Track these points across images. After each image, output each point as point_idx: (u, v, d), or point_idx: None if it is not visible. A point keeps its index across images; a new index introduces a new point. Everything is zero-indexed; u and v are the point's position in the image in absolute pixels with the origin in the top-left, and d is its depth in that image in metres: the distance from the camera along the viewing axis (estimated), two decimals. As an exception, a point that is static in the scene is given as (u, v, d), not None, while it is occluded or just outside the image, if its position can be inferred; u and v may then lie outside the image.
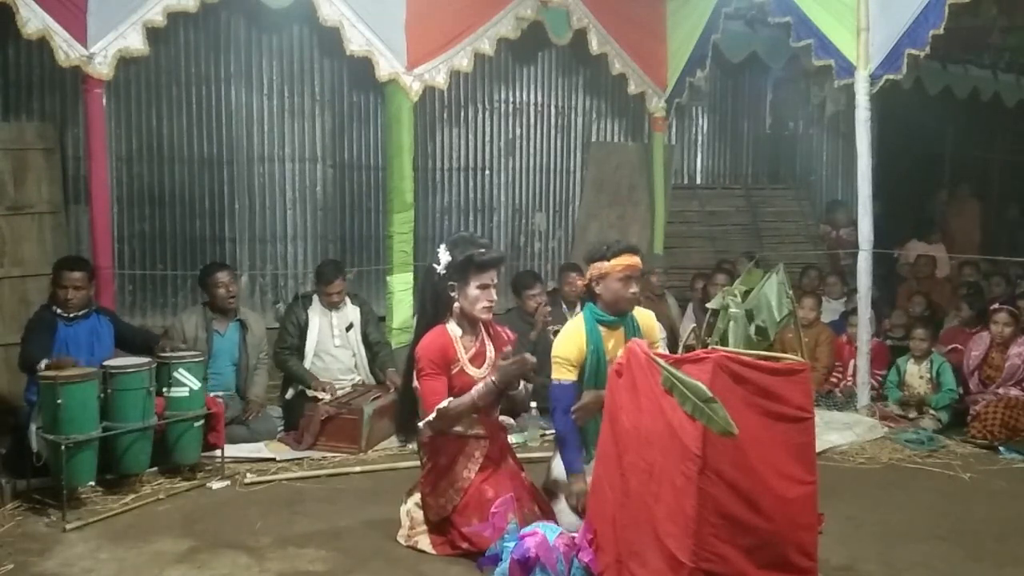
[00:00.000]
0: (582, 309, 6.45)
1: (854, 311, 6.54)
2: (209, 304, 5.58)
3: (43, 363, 4.57)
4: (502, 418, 4.09)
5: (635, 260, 4.06)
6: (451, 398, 3.79)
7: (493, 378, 3.80)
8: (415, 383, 3.88)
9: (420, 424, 3.83)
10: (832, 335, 6.80)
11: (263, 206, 7.25)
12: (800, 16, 6.36)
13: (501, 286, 4.29)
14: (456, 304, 3.89)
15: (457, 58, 6.63)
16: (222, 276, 5.57)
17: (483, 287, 3.87)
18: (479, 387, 3.81)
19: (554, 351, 4.06)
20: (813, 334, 6.56)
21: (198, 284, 5.76)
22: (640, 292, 4.17)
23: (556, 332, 5.64)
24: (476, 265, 3.85)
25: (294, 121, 7.29)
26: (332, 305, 5.85)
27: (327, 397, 5.52)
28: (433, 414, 3.76)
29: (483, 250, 3.87)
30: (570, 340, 4.04)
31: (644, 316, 4.26)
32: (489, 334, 4.01)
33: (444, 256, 3.89)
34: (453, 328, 3.92)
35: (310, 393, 5.64)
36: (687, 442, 3.15)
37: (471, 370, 3.88)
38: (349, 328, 5.90)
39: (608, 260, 4.02)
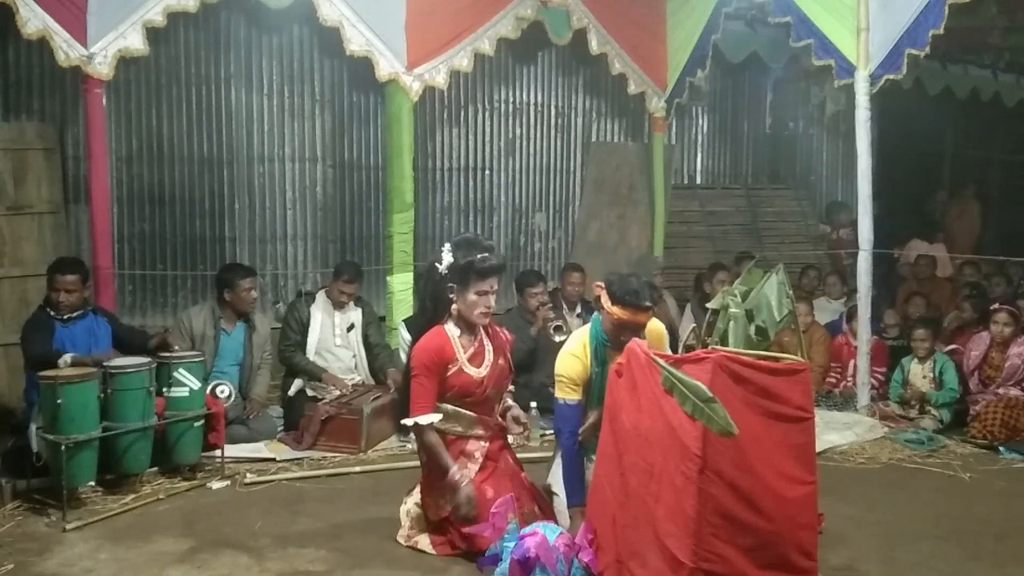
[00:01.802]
0: (582, 309, 6.51)
1: (854, 310, 6.54)
2: (224, 303, 5.55)
3: (68, 357, 4.59)
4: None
5: (637, 317, 3.79)
6: (434, 423, 3.79)
7: (460, 486, 3.75)
8: None
9: (402, 422, 3.88)
10: (827, 335, 6.81)
11: (263, 206, 7.24)
12: (800, 16, 6.36)
13: (502, 286, 4.29)
14: (455, 306, 3.90)
15: (457, 58, 6.63)
16: (249, 282, 5.56)
17: (482, 293, 3.87)
18: (453, 469, 3.77)
19: (557, 369, 3.97)
20: (807, 336, 6.55)
21: (216, 281, 5.69)
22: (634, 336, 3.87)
23: (556, 327, 5.67)
24: (476, 272, 3.85)
25: (294, 121, 7.29)
26: (338, 304, 5.85)
27: (336, 392, 5.52)
28: (411, 423, 3.80)
29: (485, 255, 3.86)
30: (574, 359, 3.93)
31: (655, 328, 4.07)
32: (488, 333, 4.02)
33: (447, 256, 3.89)
34: (451, 328, 3.92)
35: (310, 392, 5.66)
36: (687, 442, 3.15)
37: (470, 369, 3.89)
38: (350, 329, 5.91)
39: (613, 303, 3.80)
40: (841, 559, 3.85)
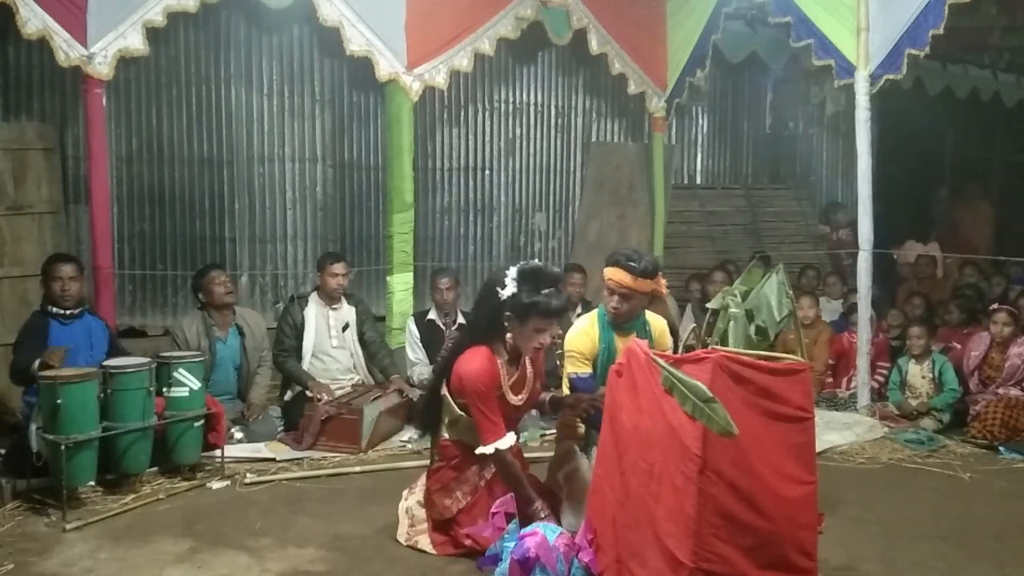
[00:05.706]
0: (583, 310, 6.52)
1: (853, 309, 6.53)
2: (207, 306, 5.55)
3: (36, 363, 4.57)
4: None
5: (617, 275, 3.97)
6: (512, 450, 3.74)
7: (541, 512, 3.68)
8: (448, 394, 3.81)
9: (476, 451, 3.76)
10: (832, 334, 6.80)
11: (263, 206, 7.25)
12: (800, 16, 6.36)
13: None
14: (508, 335, 3.78)
15: (457, 58, 6.64)
16: (217, 274, 5.56)
17: (540, 330, 3.75)
18: (537, 504, 3.67)
19: (567, 345, 4.07)
20: (813, 333, 6.56)
21: (192, 290, 5.69)
22: (625, 308, 4.02)
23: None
24: (540, 313, 3.71)
25: (294, 121, 7.29)
26: (334, 296, 5.80)
27: (325, 397, 5.51)
28: (491, 450, 3.70)
29: (551, 295, 3.72)
30: (583, 334, 4.07)
31: (658, 324, 4.21)
32: (530, 358, 3.95)
33: (511, 284, 3.72)
34: (499, 353, 3.82)
35: (310, 393, 5.65)
36: (687, 442, 3.14)
37: (511, 397, 3.82)
38: (345, 328, 5.88)
39: (607, 265, 4.04)
40: (841, 559, 3.84)
